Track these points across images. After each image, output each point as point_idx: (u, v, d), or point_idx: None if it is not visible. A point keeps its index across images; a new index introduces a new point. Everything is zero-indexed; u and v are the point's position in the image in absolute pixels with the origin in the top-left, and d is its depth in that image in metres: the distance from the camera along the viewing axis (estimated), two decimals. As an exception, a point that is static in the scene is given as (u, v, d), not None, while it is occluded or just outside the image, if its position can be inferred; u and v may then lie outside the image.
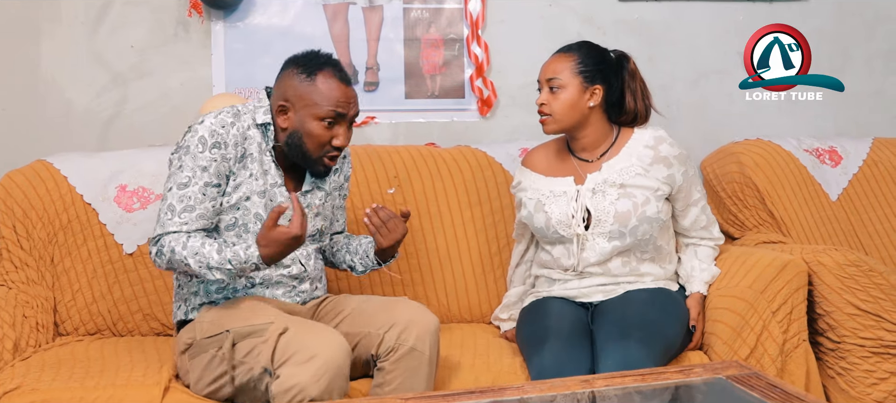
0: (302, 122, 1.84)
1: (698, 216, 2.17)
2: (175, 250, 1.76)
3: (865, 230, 2.65)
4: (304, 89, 1.84)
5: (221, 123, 1.84)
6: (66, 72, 2.64)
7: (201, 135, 1.82)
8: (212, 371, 1.78)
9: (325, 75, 1.85)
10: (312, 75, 1.84)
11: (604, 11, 2.84)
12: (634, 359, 1.81)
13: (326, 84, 1.84)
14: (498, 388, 1.57)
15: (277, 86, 1.90)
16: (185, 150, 1.82)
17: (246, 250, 1.73)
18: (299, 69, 1.86)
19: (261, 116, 1.89)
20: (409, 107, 2.78)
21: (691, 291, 2.13)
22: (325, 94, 1.83)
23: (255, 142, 1.88)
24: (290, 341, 1.69)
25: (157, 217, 1.82)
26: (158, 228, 1.81)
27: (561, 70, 2.07)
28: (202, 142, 1.81)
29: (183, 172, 1.81)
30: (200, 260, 1.74)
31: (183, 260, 1.75)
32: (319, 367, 1.63)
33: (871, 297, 2.10)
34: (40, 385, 1.79)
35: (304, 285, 1.97)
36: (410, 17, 2.78)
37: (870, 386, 2.12)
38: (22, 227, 2.22)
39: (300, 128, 1.85)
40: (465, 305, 2.42)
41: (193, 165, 1.80)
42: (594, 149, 2.14)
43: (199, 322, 1.84)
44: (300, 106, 1.84)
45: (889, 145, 2.80)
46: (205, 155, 1.81)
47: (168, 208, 1.80)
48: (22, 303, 2.10)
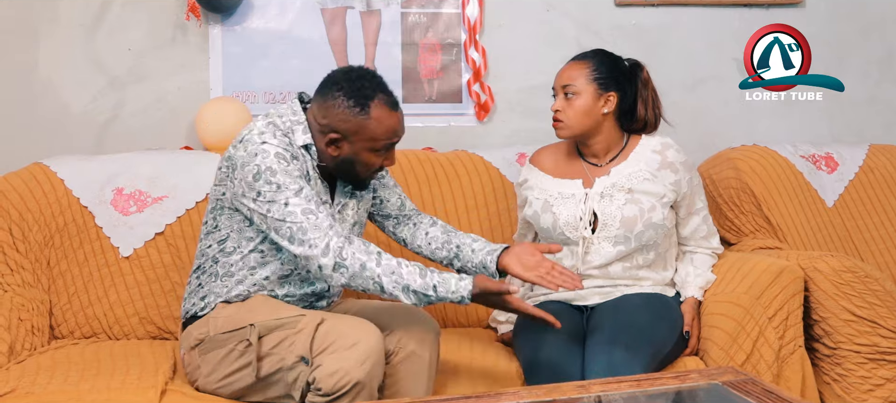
0: (356, 154, 1.83)
1: (699, 225, 2.18)
2: (366, 266, 1.71)
3: (861, 236, 2.66)
4: (359, 123, 1.79)
5: (283, 144, 1.78)
6: (64, 74, 2.64)
7: (276, 152, 1.75)
8: (228, 365, 1.79)
9: (377, 106, 1.79)
10: (365, 108, 1.78)
11: (601, 17, 2.85)
12: (619, 364, 1.82)
13: (380, 115, 1.80)
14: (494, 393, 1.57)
15: (323, 111, 1.82)
16: (270, 172, 1.74)
17: (458, 282, 1.71)
18: (349, 100, 1.79)
19: (301, 137, 1.84)
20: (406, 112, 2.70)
21: (686, 296, 2.14)
22: (382, 128, 1.80)
23: (307, 162, 1.85)
24: (330, 330, 1.71)
25: (298, 227, 1.71)
26: (316, 234, 1.71)
27: (576, 77, 2.09)
28: (281, 158, 1.75)
29: (289, 183, 1.74)
30: (397, 280, 1.71)
31: (374, 278, 1.71)
32: (362, 352, 1.66)
33: (866, 303, 2.10)
34: (35, 389, 1.78)
35: (322, 302, 1.99)
36: (408, 22, 2.78)
37: (865, 392, 2.12)
38: (18, 230, 2.21)
39: (354, 158, 1.84)
40: (462, 309, 2.42)
41: (289, 179, 1.74)
42: (604, 155, 2.16)
43: (214, 318, 1.84)
44: (355, 139, 1.81)
45: (885, 152, 2.80)
46: (290, 167, 1.75)
47: (306, 213, 1.72)
48: (17, 306, 2.10)
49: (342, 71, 1.85)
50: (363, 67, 1.87)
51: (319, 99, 1.84)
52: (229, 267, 1.87)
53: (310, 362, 1.70)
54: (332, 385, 1.65)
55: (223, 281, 1.88)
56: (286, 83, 2.71)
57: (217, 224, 1.88)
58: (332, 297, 2.01)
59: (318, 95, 1.85)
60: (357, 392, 1.66)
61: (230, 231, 1.87)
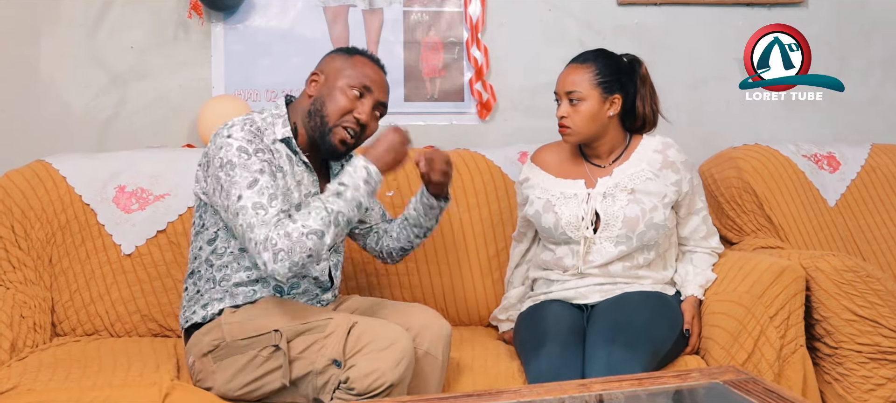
0: (330, 89, 1.88)
1: (698, 225, 2.18)
2: (290, 233, 1.66)
3: (863, 236, 2.65)
4: (341, 63, 1.91)
5: (250, 135, 1.79)
6: (66, 72, 2.64)
7: (239, 145, 1.76)
8: (253, 370, 1.78)
9: (362, 58, 1.93)
10: (352, 55, 1.93)
11: (603, 16, 2.85)
12: (619, 363, 1.82)
13: (361, 61, 1.92)
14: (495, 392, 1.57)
15: (318, 67, 1.96)
16: (230, 165, 1.74)
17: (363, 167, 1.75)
18: (341, 52, 1.95)
19: (280, 131, 1.87)
20: (408, 110, 2.79)
21: (686, 295, 2.14)
22: (359, 68, 1.90)
23: (283, 155, 1.86)
24: (363, 332, 1.72)
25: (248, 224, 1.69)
26: (260, 231, 1.67)
27: (579, 82, 2.08)
28: (243, 151, 1.76)
29: (245, 176, 1.72)
30: (316, 213, 1.69)
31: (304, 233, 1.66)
32: (397, 354, 1.68)
33: (868, 303, 2.10)
34: (37, 386, 1.79)
35: (328, 294, 1.99)
36: (410, 20, 2.78)
37: (866, 392, 2.12)
38: (20, 227, 2.22)
39: (325, 95, 1.88)
40: (464, 308, 2.42)
41: (248, 173, 1.73)
42: (608, 155, 2.16)
43: (227, 324, 1.82)
44: (333, 75, 1.90)
45: (887, 151, 2.80)
46: (253, 159, 1.75)
47: (255, 208, 1.69)
48: (19, 303, 2.10)
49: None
50: None
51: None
52: (224, 271, 1.87)
53: (342, 364, 1.70)
54: (366, 386, 1.65)
55: (221, 285, 1.87)
56: (288, 81, 2.71)
57: (204, 222, 1.89)
58: (334, 289, 2.01)
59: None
60: (389, 393, 1.67)
61: (217, 228, 1.87)
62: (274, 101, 2.66)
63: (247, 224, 1.70)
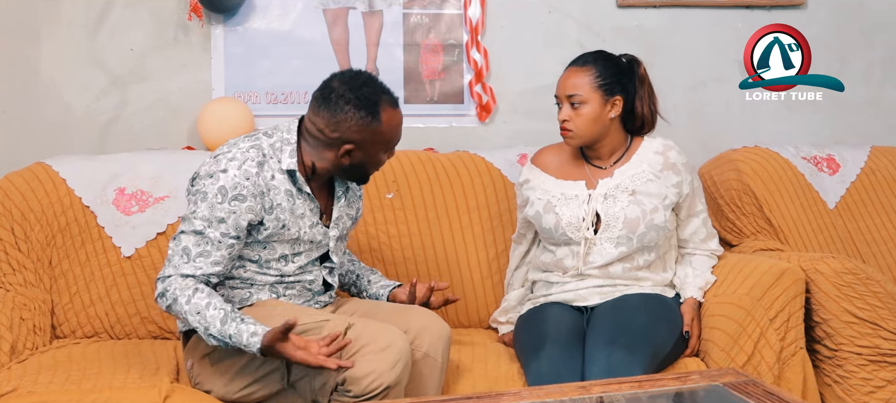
0: (370, 157, 1.86)
1: (698, 228, 2.18)
2: (178, 299, 1.74)
3: (863, 238, 2.66)
4: (372, 131, 1.81)
5: (246, 175, 1.78)
6: (66, 74, 2.64)
7: (222, 185, 1.76)
8: (252, 373, 1.78)
9: (385, 110, 1.81)
10: (376, 116, 1.80)
11: (603, 18, 2.85)
12: (619, 365, 1.83)
13: (389, 118, 1.82)
14: (495, 394, 1.57)
15: (332, 125, 1.80)
16: (203, 197, 1.77)
17: (250, 336, 1.68)
18: (359, 111, 1.79)
19: (286, 161, 1.84)
20: (407, 112, 2.71)
21: (686, 297, 2.14)
22: (391, 128, 1.84)
23: (281, 192, 1.84)
24: (360, 333, 1.72)
25: (169, 256, 1.78)
26: (169, 268, 1.77)
27: (580, 85, 2.08)
28: (222, 193, 1.76)
29: (196, 220, 1.77)
30: (201, 321, 1.72)
31: (183, 313, 1.74)
32: (394, 355, 1.68)
33: (868, 305, 2.10)
34: (37, 388, 1.79)
35: (324, 297, 1.99)
36: (410, 23, 2.78)
37: (866, 394, 2.12)
38: (20, 229, 2.22)
39: (367, 162, 1.87)
40: (463, 310, 2.42)
41: (209, 215, 1.76)
42: (609, 157, 2.16)
43: None
44: (369, 145, 1.83)
45: (887, 153, 2.80)
46: (223, 206, 1.76)
47: (183, 251, 1.77)
48: (19, 306, 2.10)
49: (342, 79, 1.82)
50: (360, 71, 1.87)
51: (326, 112, 1.80)
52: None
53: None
54: (363, 387, 1.66)
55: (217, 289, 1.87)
56: (288, 84, 2.72)
57: None
58: (331, 291, 2.01)
59: (322, 108, 1.81)
60: (386, 395, 1.67)
61: None
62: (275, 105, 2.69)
63: (171, 252, 1.78)
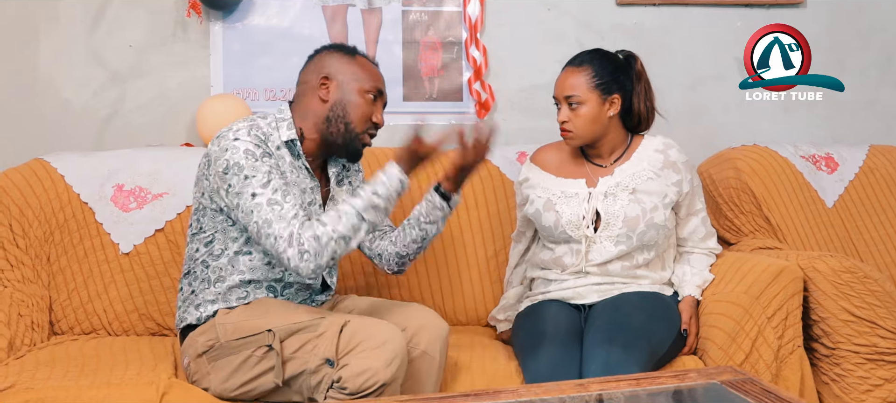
0: (347, 94, 1.89)
1: (697, 227, 2.18)
2: (319, 236, 1.70)
3: (861, 237, 2.66)
4: (347, 64, 1.91)
5: (256, 141, 1.80)
6: (64, 71, 2.64)
7: (245, 149, 1.77)
8: (248, 371, 1.78)
9: (364, 59, 1.95)
10: (353, 56, 1.93)
11: (602, 16, 2.85)
12: (617, 363, 1.83)
13: (365, 63, 1.94)
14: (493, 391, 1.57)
15: (316, 67, 1.93)
16: (239, 167, 1.76)
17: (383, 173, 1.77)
18: (337, 51, 1.94)
19: (285, 133, 1.88)
20: (406, 110, 2.79)
21: (683, 295, 2.14)
22: (368, 71, 1.93)
23: (286, 162, 1.87)
24: (356, 331, 1.72)
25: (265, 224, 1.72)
26: (277, 226, 1.71)
27: (577, 86, 2.08)
28: (250, 155, 1.77)
29: (254, 180, 1.75)
30: (347, 221, 1.73)
31: (333, 238, 1.71)
32: (390, 353, 1.68)
33: (865, 304, 2.11)
34: (35, 384, 1.79)
35: (323, 296, 2.00)
36: (409, 20, 2.78)
37: (864, 393, 2.12)
38: (18, 225, 2.22)
39: (345, 100, 1.89)
40: (462, 307, 2.42)
41: (258, 172, 1.76)
42: (609, 155, 2.16)
43: (221, 325, 1.82)
44: (345, 78, 1.90)
45: (885, 152, 2.81)
46: (260, 163, 1.77)
47: (272, 206, 1.72)
48: (17, 302, 2.10)
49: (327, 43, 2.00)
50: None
51: (310, 64, 1.95)
52: (220, 272, 1.87)
53: (335, 364, 1.70)
54: (358, 385, 1.66)
55: (215, 286, 1.87)
56: (287, 80, 2.71)
57: (201, 225, 1.89)
58: (330, 290, 2.01)
59: (308, 63, 1.96)
60: (381, 392, 1.67)
61: (214, 231, 1.87)
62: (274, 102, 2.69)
63: (264, 220, 1.72)
